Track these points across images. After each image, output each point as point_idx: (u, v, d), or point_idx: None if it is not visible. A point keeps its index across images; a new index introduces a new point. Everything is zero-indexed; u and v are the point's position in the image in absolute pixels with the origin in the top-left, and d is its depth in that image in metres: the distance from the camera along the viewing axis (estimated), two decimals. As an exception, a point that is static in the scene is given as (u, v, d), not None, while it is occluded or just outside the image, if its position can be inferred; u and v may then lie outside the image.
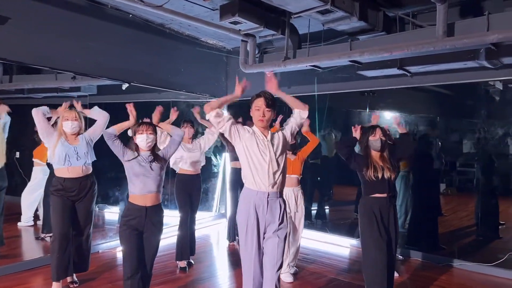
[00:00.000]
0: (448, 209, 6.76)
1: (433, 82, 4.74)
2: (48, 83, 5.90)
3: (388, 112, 6.04)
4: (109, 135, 3.02)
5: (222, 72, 6.63)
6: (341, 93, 5.38)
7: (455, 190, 6.48)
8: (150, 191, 2.94)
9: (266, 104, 2.66)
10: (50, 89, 6.07)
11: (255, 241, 2.62)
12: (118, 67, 5.01)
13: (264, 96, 2.68)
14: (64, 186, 3.46)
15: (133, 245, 2.92)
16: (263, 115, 2.66)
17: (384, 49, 3.89)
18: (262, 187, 2.62)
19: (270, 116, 2.69)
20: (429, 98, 6.12)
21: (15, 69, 5.84)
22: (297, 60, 4.58)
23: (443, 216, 6.39)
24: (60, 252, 3.45)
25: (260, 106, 2.67)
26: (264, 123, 2.68)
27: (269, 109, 2.67)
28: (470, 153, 5.81)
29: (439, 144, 6.13)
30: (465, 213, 6.15)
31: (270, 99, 2.68)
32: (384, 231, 3.13)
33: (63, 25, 4.34)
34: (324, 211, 6.55)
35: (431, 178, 5.64)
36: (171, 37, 5.64)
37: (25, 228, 5.59)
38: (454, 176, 6.36)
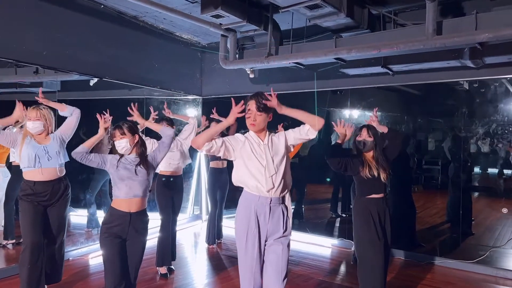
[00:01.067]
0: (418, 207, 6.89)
1: (414, 81, 4.76)
2: (6, 77, 5.46)
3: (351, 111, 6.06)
4: (80, 154, 2.75)
5: (196, 69, 6.40)
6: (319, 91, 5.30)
7: (421, 187, 6.61)
8: (135, 195, 2.71)
9: (257, 108, 2.45)
10: (9, 85, 5.62)
11: (256, 250, 2.45)
12: (88, 61, 4.68)
13: (255, 98, 2.46)
14: (34, 190, 3.14)
15: (116, 253, 2.67)
16: (254, 119, 2.47)
17: (373, 46, 3.83)
18: (263, 192, 2.46)
19: (262, 120, 2.48)
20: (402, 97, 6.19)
21: None
22: (280, 56, 4.45)
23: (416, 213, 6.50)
24: (31, 262, 3.12)
25: (252, 110, 2.47)
26: (255, 127, 2.49)
27: (261, 113, 2.46)
28: (436, 151, 5.92)
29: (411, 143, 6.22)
30: (435, 210, 6.28)
31: (262, 102, 2.46)
32: (381, 233, 3.06)
33: (27, 14, 3.98)
34: (301, 210, 6.48)
35: (406, 176, 5.70)
36: (145, 30, 5.36)
37: (-18, 234, 5.14)
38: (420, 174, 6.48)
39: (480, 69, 4.19)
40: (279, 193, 2.49)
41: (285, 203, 2.57)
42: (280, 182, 2.48)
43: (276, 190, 2.47)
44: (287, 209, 2.57)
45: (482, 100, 4.96)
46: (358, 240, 3.13)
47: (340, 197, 6.22)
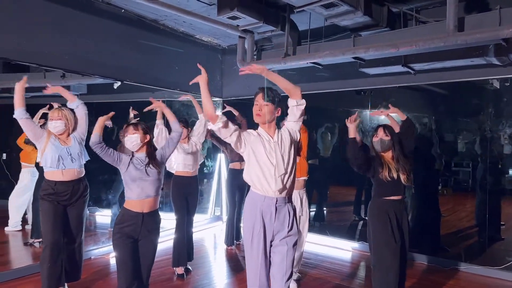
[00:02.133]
0: (446, 210, 6.66)
1: (437, 80, 4.61)
2: (36, 81, 5.65)
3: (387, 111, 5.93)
4: (96, 144, 2.75)
5: (217, 70, 6.44)
6: (337, 91, 5.22)
7: (450, 190, 6.39)
8: (148, 196, 2.74)
9: (263, 97, 2.45)
10: (38, 88, 5.82)
11: (261, 250, 2.43)
12: (110, 65, 4.79)
13: (262, 91, 2.49)
14: (55, 190, 3.24)
15: (128, 254, 2.71)
16: (259, 109, 2.46)
17: (391, 45, 3.73)
18: (270, 192, 2.43)
19: (269, 111, 2.45)
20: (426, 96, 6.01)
21: (1, 67, 5.59)
22: (298, 56, 4.40)
23: (443, 217, 6.29)
24: (51, 261, 3.22)
25: (258, 100, 2.47)
26: (261, 118, 2.46)
27: (267, 103, 2.45)
28: (466, 152, 5.71)
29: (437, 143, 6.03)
30: (464, 214, 6.07)
31: (270, 93, 2.47)
32: (398, 235, 2.97)
33: (51, 20, 4.11)
34: (323, 213, 6.39)
35: (431, 178, 5.53)
36: (165, 33, 5.43)
37: (12, 233, 5.35)
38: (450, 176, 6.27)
39: (507, 66, 4.01)
40: (286, 193, 2.46)
41: (291, 202, 2.53)
42: (289, 181, 2.46)
43: (284, 190, 2.44)
44: (294, 208, 2.54)
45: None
46: (374, 242, 3.05)
47: (363, 200, 6.10)
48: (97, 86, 5.76)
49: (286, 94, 2.56)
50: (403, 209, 3.04)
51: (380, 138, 3.12)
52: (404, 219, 3.03)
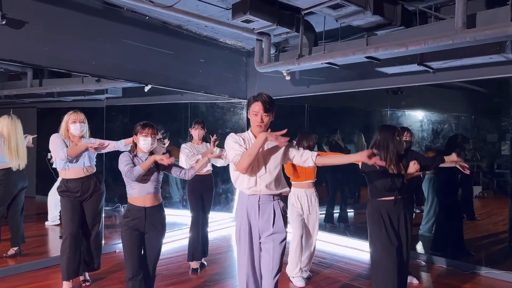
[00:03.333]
0: (483, 213, 6.40)
1: (458, 78, 4.47)
2: (74, 86, 6.08)
3: (412, 111, 5.79)
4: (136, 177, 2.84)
5: (241, 73, 6.58)
6: (359, 91, 5.18)
7: (492, 193, 6.14)
8: (148, 193, 2.92)
9: (264, 109, 2.53)
10: (78, 93, 6.26)
11: (247, 247, 2.54)
12: (134, 69, 5.05)
13: (261, 100, 2.55)
14: (67, 187, 3.51)
15: (134, 245, 2.90)
16: (261, 120, 2.54)
17: (400, 43, 3.69)
18: (252, 190, 2.53)
19: (268, 120, 2.58)
20: (459, 95, 5.81)
21: (47, 73, 6.06)
22: (311, 57, 4.45)
23: (477, 221, 6.05)
24: (70, 252, 3.49)
25: (258, 112, 2.55)
26: (262, 128, 2.57)
27: (267, 113, 2.55)
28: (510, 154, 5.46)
29: (470, 144, 5.81)
30: (501, 218, 5.81)
31: (268, 103, 2.56)
32: (394, 236, 2.96)
33: (79, 28, 4.41)
34: (346, 214, 6.35)
35: (460, 180, 5.34)
36: (189, 38, 5.65)
37: (51, 227, 5.76)
38: (491, 179, 6.02)
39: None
40: (269, 190, 2.53)
41: (279, 200, 2.60)
42: (269, 181, 2.54)
43: (265, 189, 2.52)
44: (282, 205, 2.60)
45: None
46: (370, 243, 3.06)
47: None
48: (131, 90, 6.11)
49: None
50: (399, 210, 3.00)
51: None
52: (401, 220, 3.00)
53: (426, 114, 5.73)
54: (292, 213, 3.87)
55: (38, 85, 6.17)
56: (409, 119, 5.67)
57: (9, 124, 4.42)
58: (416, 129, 5.51)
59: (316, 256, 4.66)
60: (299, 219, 3.86)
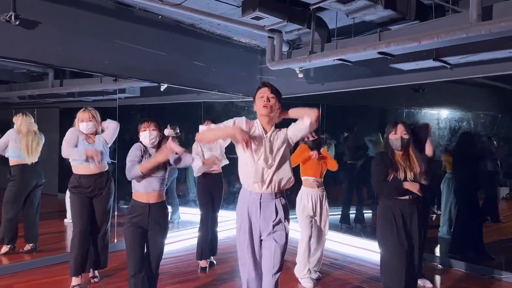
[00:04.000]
0: (509, 215, 6.17)
1: (477, 74, 4.27)
2: (93, 86, 6.18)
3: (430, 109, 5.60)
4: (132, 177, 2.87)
5: (256, 71, 6.53)
6: (375, 89, 5.04)
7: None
8: (154, 190, 2.92)
9: (270, 90, 2.52)
10: (97, 92, 6.37)
11: (248, 245, 2.49)
12: (147, 68, 5.07)
13: (267, 84, 2.57)
14: (80, 183, 3.56)
15: (136, 243, 2.90)
16: (267, 100, 2.49)
17: (412, 38, 3.56)
18: (255, 187, 2.47)
19: (274, 103, 2.51)
20: (481, 92, 5.59)
21: (68, 74, 6.19)
22: (322, 54, 4.35)
23: (501, 223, 5.82)
24: (79, 248, 3.54)
25: (264, 93, 2.52)
26: (268, 109, 2.49)
27: (273, 95, 2.52)
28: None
29: (494, 144, 5.58)
30: (528, 220, 5.59)
31: (274, 88, 2.55)
32: (404, 237, 2.84)
33: (92, 28, 4.46)
34: (362, 215, 6.21)
35: (482, 181, 5.13)
36: (202, 37, 5.63)
37: (70, 224, 5.87)
38: None
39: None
40: (272, 189, 2.47)
41: (282, 198, 2.53)
42: (274, 178, 2.47)
43: (269, 186, 2.46)
44: (284, 204, 2.54)
45: None
46: (380, 244, 2.95)
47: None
48: (149, 89, 6.17)
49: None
50: (413, 210, 2.88)
51: (400, 136, 2.98)
52: (414, 221, 2.87)
53: (444, 112, 5.53)
54: (301, 213, 3.80)
55: (59, 85, 6.31)
56: (425, 117, 5.48)
57: (25, 121, 4.55)
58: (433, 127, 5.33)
59: (328, 257, 4.57)
60: (308, 220, 3.79)
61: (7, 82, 6.61)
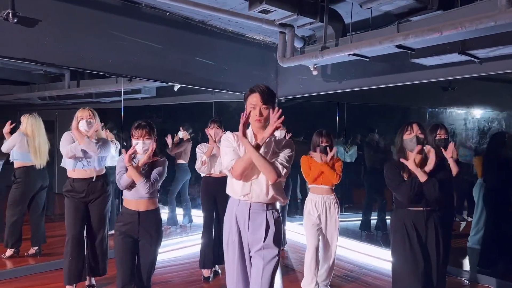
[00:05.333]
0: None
1: (510, 69, 3.84)
2: (108, 86, 6.09)
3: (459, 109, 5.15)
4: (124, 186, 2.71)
5: (271, 70, 6.25)
6: (396, 87, 4.65)
7: None
8: (141, 197, 2.70)
9: (262, 100, 2.23)
10: (114, 93, 6.28)
11: (236, 259, 2.23)
12: (154, 67, 4.89)
13: (258, 90, 2.26)
14: (73, 187, 3.39)
15: (126, 253, 2.70)
16: (260, 114, 2.23)
17: (433, 29, 3.19)
18: (243, 196, 2.20)
19: (268, 114, 2.25)
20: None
21: (87, 75, 6.13)
22: (335, 49, 4.03)
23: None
24: (72, 255, 3.37)
25: (256, 104, 2.24)
26: (262, 123, 2.26)
27: (266, 105, 2.24)
28: None
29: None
30: None
31: (267, 94, 2.26)
32: (420, 252, 2.50)
33: (95, 26, 4.31)
34: (384, 222, 5.82)
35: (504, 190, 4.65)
36: (213, 34, 5.41)
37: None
38: None
39: None
40: (263, 198, 2.20)
41: (274, 210, 2.25)
42: (262, 189, 2.19)
43: (259, 196, 2.18)
44: (276, 217, 2.25)
45: None
46: (392, 256, 2.62)
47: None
48: (165, 89, 6.03)
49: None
50: (429, 222, 2.54)
51: (415, 135, 2.66)
52: (431, 232, 2.53)
53: (473, 111, 5.07)
54: (307, 222, 3.49)
55: (75, 86, 6.25)
56: (451, 117, 5.05)
57: (32, 122, 4.45)
58: (459, 128, 4.88)
59: (343, 268, 4.26)
60: (315, 229, 3.47)
61: (27, 83, 6.60)
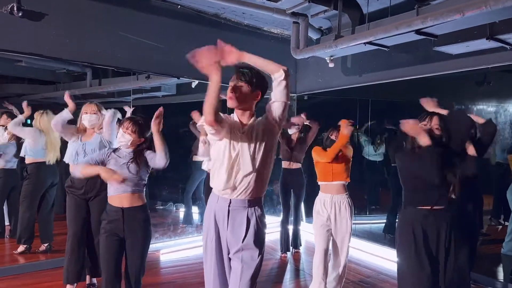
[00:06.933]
0: None
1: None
2: (128, 84, 6.06)
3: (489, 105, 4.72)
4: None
5: (290, 64, 6.00)
6: (420, 80, 4.30)
7: None
8: (124, 191, 2.56)
9: (237, 75, 1.99)
10: (135, 91, 6.26)
11: (214, 261, 2.02)
12: (165, 62, 4.76)
13: (236, 69, 2.03)
14: (73, 183, 3.30)
15: (111, 253, 2.56)
16: (231, 90, 1.97)
17: (453, 10, 2.87)
18: (222, 192, 2.00)
19: (245, 93, 1.98)
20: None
21: (110, 73, 6.13)
22: (350, 37, 3.75)
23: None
24: (72, 253, 3.27)
25: (232, 81, 2.01)
26: (234, 102, 1.98)
27: (242, 83, 1.98)
28: None
29: None
30: None
31: (245, 70, 2.00)
32: (426, 258, 2.22)
33: (104, 20, 4.24)
34: (395, 223, 5.46)
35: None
36: (228, 28, 5.23)
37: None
38: None
39: None
40: (245, 195, 1.98)
41: (258, 207, 2.03)
42: (248, 182, 1.98)
43: (241, 192, 1.97)
44: (258, 215, 2.02)
45: None
46: (398, 260, 2.34)
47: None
48: (185, 86, 5.94)
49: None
50: (440, 224, 2.24)
51: (430, 128, 2.39)
52: (442, 238, 2.23)
53: (504, 105, 4.62)
54: (316, 222, 3.24)
55: (97, 84, 6.27)
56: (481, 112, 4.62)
57: (46, 119, 4.45)
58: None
59: (359, 273, 3.99)
60: (324, 230, 3.20)
61: (53, 82, 6.69)
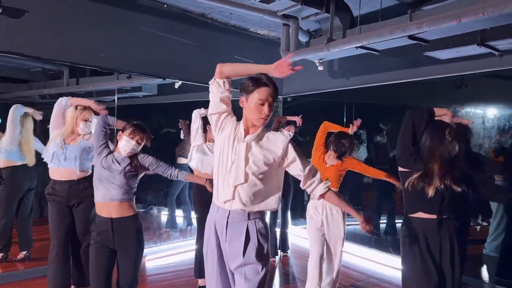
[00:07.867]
0: None
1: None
2: (108, 84, 5.86)
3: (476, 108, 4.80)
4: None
5: (276, 66, 5.96)
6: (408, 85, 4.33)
7: None
8: (112, 199, 2.43)
9: (273, 96, 1.93)
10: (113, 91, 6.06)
11: (215, 272, 1.94)
12: (149, 62, 4.64)
13: (272, 84, 1.95)
14: (54, 189, 3.13)
15: (100, 265, 2.44)
16: (269, 109, 1.93)
17: (450, 16, 2.88)
18: (223, 203, 1.92)
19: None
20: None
21: (88, 72, 5.90)
22: (341, 41, 3.72)
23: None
24: (57, 264, 3.11)
25: (266, 99, 1.92)
26: (265, 122, 1.97)
27: (274, 100, 1.96)
28: None
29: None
30: None
31: (276, 87, 1.98)
32: (433, 267, 2.20)
33: (86, 18, 4.07)
34: (394, 226, 5.50)
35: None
36: (214, 28, 5.13)
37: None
38: None
39: None
40: (245, 206, 1.91)
41: (259, 220, 1.95)
42: (248, 196, 1.90)
43: (240, 203, 1.89)
44: (261, 228, 1.94)
45: None
46: (402, 267, 2.32)
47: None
48: (166, 87, 5.79)
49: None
50: (444, 233, 2.22)
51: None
52: (446, 246, 2.22)
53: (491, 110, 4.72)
54: (311, 226, 3.20)
55: (75, 84, 6.04)
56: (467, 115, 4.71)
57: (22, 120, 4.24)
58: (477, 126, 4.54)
59: (349, 276, 4.00)
60: (319, 234, 3.16)
61: (26, 81, 6.41)
